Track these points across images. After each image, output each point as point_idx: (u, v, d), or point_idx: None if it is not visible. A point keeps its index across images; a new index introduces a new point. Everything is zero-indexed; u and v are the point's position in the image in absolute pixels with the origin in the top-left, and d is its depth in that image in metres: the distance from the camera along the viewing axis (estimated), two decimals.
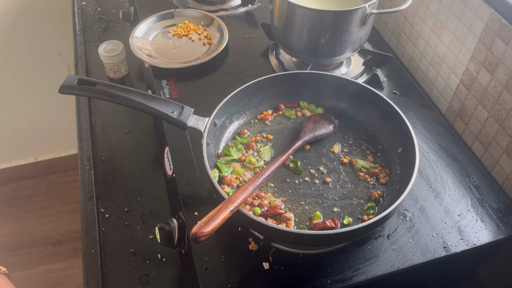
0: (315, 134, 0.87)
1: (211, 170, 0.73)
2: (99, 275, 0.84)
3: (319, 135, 0.88)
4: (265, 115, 0.91)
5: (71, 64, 1.84)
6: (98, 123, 1.13)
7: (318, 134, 0.88)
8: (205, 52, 1.13)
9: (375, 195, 0.78)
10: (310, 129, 0.88)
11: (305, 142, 0.86)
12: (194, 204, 0.81)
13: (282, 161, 0.81)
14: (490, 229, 0.78)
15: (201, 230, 0.62)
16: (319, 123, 0.89)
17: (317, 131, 0.88)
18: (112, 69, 1.21)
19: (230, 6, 1.30)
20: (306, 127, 0.88)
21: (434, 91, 1.10)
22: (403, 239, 0.76)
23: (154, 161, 1.05)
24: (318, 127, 0.88)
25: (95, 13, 1.46)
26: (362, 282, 0.71)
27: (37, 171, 2.30)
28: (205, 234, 0.62)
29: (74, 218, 2.09)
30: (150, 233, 0.90)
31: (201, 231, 0.62)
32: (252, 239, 0.76)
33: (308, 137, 0.87)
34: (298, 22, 0.97)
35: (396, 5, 1.18)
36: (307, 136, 0.87)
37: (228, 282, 0.71)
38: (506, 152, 0.88)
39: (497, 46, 0.86)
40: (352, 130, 0.90)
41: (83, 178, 1.01)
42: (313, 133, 0.87)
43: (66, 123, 2.04)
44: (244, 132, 0.89)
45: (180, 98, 1.00)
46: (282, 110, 0.93)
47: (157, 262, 0.86)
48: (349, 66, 1.10)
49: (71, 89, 0.82)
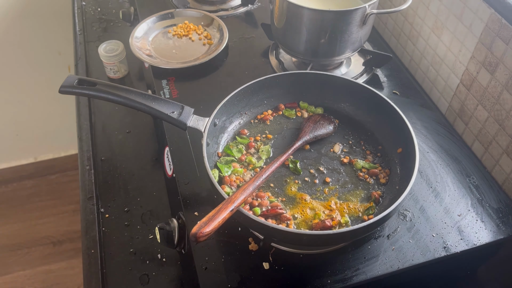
0: (315, 134, 0.87)
1: (211, 170, 0.73)
2: (99, 275, 0.84)
3: (319, 135, 0.88)
4: (265, 115, 0.91)
5: (71, 64, 1.84)
6: (98, 123, 1.13)
7: (318, 134, 0.88)
8: (205, 52, 1.13)
9: (375, 195, 0.78)
10: (310, 129, 0.88)
11: (305, 142, 0.86)
12: (194, 204, 0.81)
13: (282, 161, 0.81)
14: (490, 229, 0.78)
15: (201, 230, 0.62)
16: (319, 123, 0.89)
17: (317, 131, 0.88)
18: (112, 69, 1.21)
19: (230, 6, 1.30)
20: (306, 127, 0.88)
21: (434, 91, 1.10)
22: (403, 239, 0.76)
23: (154, 161, 1.05)
24: (318, 127, 0.88)
25: (95, 13, 1.46)
26: (362, 282, 0.71)
27: (37, 171, 2.30)
28: (205, 234, 0.62)
29: (74, 218, 2.09)
30: (150, 233, 0.90)
31: (201, 231, 0.62)
32: (252, 239, 0.76)
33: (308, 137, 0.87)
34: (298, 22, 0.97)
35: (396, 5, 1.18)
36: (307, 136, 0.87)
37: (228, 282, 0.71)
38: (506, 152, 0.88)
39: (497, 46, 0.86)
40: (352, 130, 0.90)
41: (83, 178, 1.01)
42: (313, 133, 0.87)
43: (66, 123, 2.04)
44: (244, 132, 0.89)
45: (180, 98, 1.00)
46: (282, 110, 0.93)
47: (157, 262, 0.86)
48: (349, 66, 1.10)
49: (71, 89, 0.82)
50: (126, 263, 0.86)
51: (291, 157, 0.84)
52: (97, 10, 1.47)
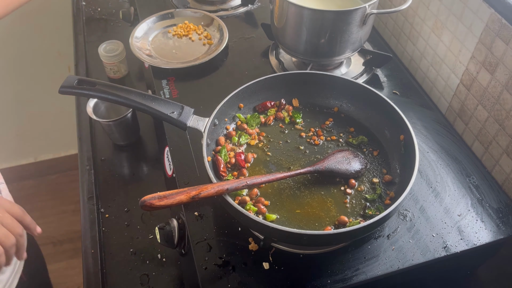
0: (332, 168, 0.79)
1: (211, 170, 0.73)
2: (99, 275, 0.84)
3: (336, 169, 0.79)
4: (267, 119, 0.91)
5: (71, 64, 1.83)
6: (98, 123, 1.13)
7: (336, 168, 0.79)
8: (205, 52, 1.13)
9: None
10: (331, 162, 0.80)
11: (316, 171, 0.79)
12: (194, 204, 0.81)
13: (277, 177, 0.75)
14: (490, 229, 0.78)
15: (152, 201, 0.62)
16: (345, 158, 0.81)
17: (337, 165, 0.80)
18: (112, 69, 1.21)
19: (230, 6, 1.30)
20: (328, 158, 0.81)
21: (434, 91, 1.10)
22: (403, 239, 0.76)
23: (154, 161, 1.05)
24: (340, 163, 0.80)
25: (95, 13, 1.46)
26: (362, 282, 0.71)
27: (37, 171, 2.30)
28: (153, 206, 0.62)
29: (74, 218, 2.09)
30: (150, 233, 0.90)
31: (151, 201, 0.62)
32: (252, 239, 0.76)
33: (322, 167, 0.79)
34: (298, 22, 0.97)
35: (396, 5, 1.18)
36: (322, 166, 0.79)
37: (228, 282, 0.71)
38: (506, 152, 0.88)
39: (497, 46, 0.86)
40: (351, 130, 0.90)
41: (83, 178, 1.01)
42: (331, 166, 0.80)
43: (66, 123, 2.04)
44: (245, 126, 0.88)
45: (180, 98, 1.00)
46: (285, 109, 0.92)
47: (157, 262, 0.86)
48: (349, 66, 1.10)
49: (71, 89, 0.82)
50: (126, 263, 0.87)
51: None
52: (97, 10, 1.47)
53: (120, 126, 1.02)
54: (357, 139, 0.87)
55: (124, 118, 1.00)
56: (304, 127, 0.90)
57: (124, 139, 1.06)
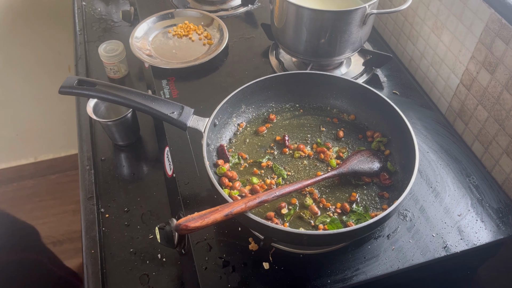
0: (355, 169, 0.80)
1: (211, 170, 0.73)
2: (99, 275, 0.84)
3: (360, 169, 0.80)
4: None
5: (71, 64, 1.84)
6: (98, 123, 1.13)
7: (359, 169, 0.80)
8: (205, 52, 1.13)
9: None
10: (353, 162, 0.81)
11: (340, 174, 0.79)
12: (194, 204, 0.81)
13: (303, 185, 0.75)
14: (490, 229, 0.78)
15: (187, 223, 0.61)
16: (366, 158, 0.82)
17: (360, 165, 0.80)
18: (112, 69, 1.21)
19: (230, 6, 1.30)
20: (349, 159, 0.81)
21: (434, 91, 1.10)
22: (403, 239, 0.76)
23: (154, 161, 1.05)
24: (362, 162, 0.81)
25: (95, 13, 1.46)
26: (362, 282, 0.71)
27: (37, 171, 2.30)
28: (189, 228, 0.61)
29: (74, 218, 2.09)
30: (150, 233, 0.90)
31: (186, 224, 0.60)
32: (252, 239, 0.76)
33: (346, 169, 0.80)
34: (298, 22, 0.97)
35: (396, 5, 1.18)
36: (345, 168, 0.80)
37: (228, 282, 0.71)
38: (506, 152, 0.88)
39: (497, 46, 0.86)
40: (351, 130, 0.90)
41: (83, 178, 1.01)
42: (354, 166, 0.80)
43: (66, 123, 2.04)
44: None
45: (180, 98, 1.00)
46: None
47: (157, 262, 0.86)
48: (349, 66, 1.10)
49: (71, 90, 0.82)
50: (126, 263, 0.86)
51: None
52: (97, 10, 1.47)
53: (120, 126, 1.02)
54: (376, 142, 0.86)
55: (124, 118, 1.00)
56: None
57: (124, 139, 1.06)
